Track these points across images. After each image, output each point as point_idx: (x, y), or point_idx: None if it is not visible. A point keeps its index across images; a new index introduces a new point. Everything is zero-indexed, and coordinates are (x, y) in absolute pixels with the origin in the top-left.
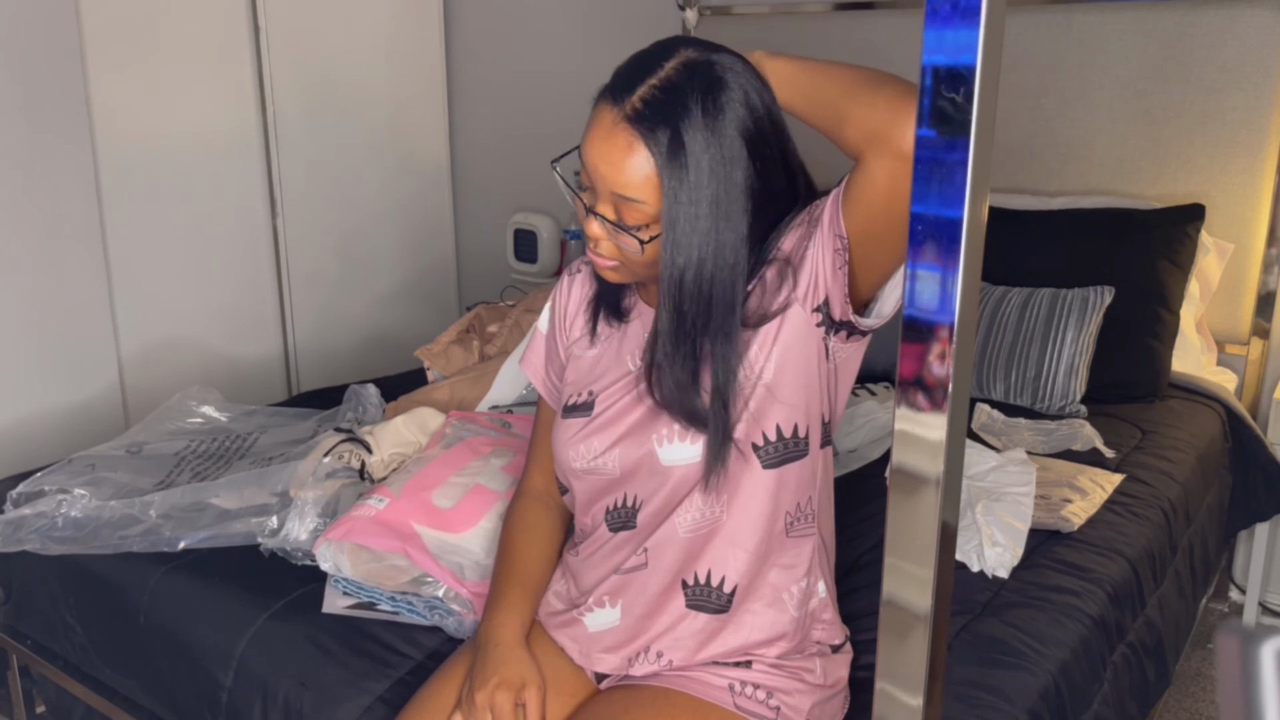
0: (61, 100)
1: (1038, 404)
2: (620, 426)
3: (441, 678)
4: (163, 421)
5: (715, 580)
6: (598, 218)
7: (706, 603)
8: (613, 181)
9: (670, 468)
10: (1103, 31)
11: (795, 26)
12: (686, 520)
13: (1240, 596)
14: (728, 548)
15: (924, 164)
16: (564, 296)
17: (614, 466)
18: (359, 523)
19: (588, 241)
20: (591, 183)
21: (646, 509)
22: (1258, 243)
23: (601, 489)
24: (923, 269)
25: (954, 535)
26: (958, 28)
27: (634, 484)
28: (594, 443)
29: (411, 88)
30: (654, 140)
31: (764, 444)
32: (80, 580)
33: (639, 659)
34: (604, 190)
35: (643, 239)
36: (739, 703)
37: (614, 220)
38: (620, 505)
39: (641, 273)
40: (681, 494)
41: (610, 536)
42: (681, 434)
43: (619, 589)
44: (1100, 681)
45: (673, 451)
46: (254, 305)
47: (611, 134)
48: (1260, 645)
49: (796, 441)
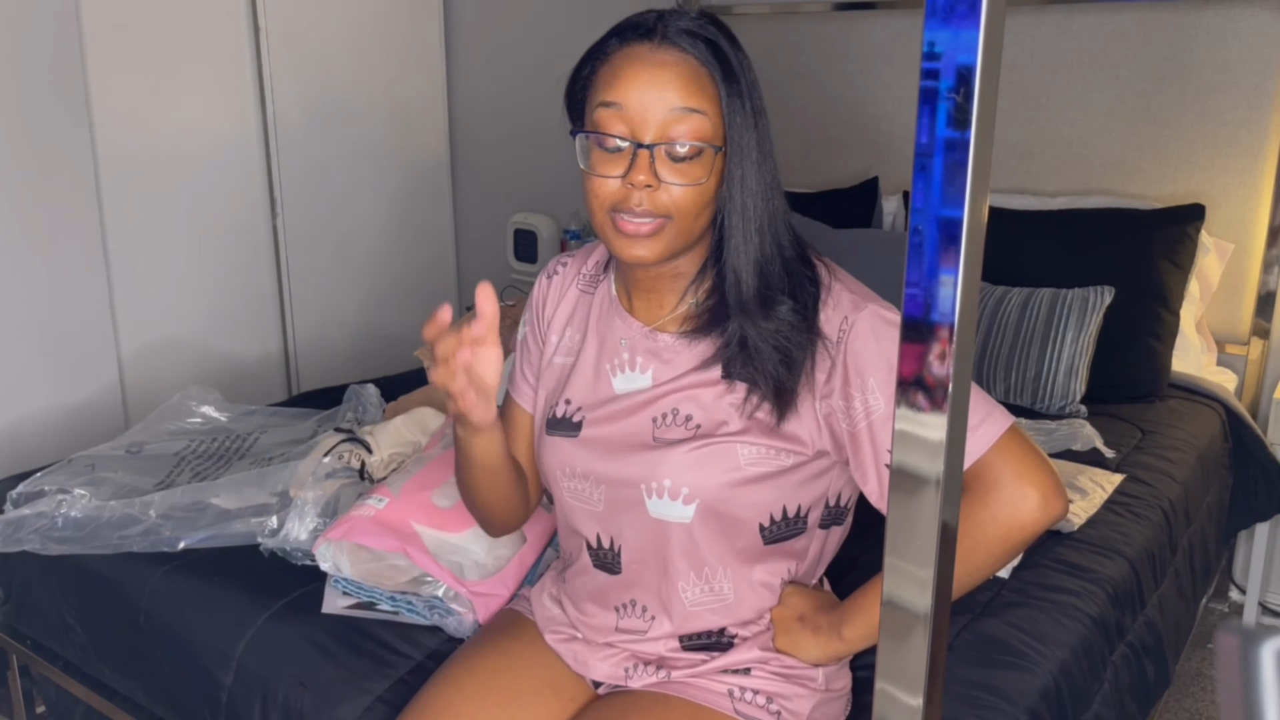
0: (61, 100)
1: (1038, 404)
2: (609, 461)
3: (440, 680)
4: (163, 421)
5: (715, 630)
6: (649, 152)
7: (707, 646)
8: (669, 98)
9: (661, 522)
10: (1103, 31)
11: (795, 26)
12: (690, 595)
13: (1240, 596)
14: (732, 612)
15: (924, 164)
16: (543, 290)
17: (598, 502)
18: (359, 522)
19: (625, 203)
20: (636, 122)
21: (632, 558)
22: (1258, 243)
23: (586, 520)
24: (921, 269)
25: (954, 535)
26: (957, 28)
27: (616, 527)
28: (579, 468)
29: (411, 88)
30: (699, 52)
31: (769, 524)
32: (80, 580)
33: (637, 670)
34: (655, 117)
35: (717, 145)
36: (739, 708)
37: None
38: (597, 545)
39: (689, 227)
40: (671, 551)
41: (594, 572)
42: (674, 491)
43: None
44: (1100, 681)
45: (663, 507)
46: (254, 305)
47: (655, 55)
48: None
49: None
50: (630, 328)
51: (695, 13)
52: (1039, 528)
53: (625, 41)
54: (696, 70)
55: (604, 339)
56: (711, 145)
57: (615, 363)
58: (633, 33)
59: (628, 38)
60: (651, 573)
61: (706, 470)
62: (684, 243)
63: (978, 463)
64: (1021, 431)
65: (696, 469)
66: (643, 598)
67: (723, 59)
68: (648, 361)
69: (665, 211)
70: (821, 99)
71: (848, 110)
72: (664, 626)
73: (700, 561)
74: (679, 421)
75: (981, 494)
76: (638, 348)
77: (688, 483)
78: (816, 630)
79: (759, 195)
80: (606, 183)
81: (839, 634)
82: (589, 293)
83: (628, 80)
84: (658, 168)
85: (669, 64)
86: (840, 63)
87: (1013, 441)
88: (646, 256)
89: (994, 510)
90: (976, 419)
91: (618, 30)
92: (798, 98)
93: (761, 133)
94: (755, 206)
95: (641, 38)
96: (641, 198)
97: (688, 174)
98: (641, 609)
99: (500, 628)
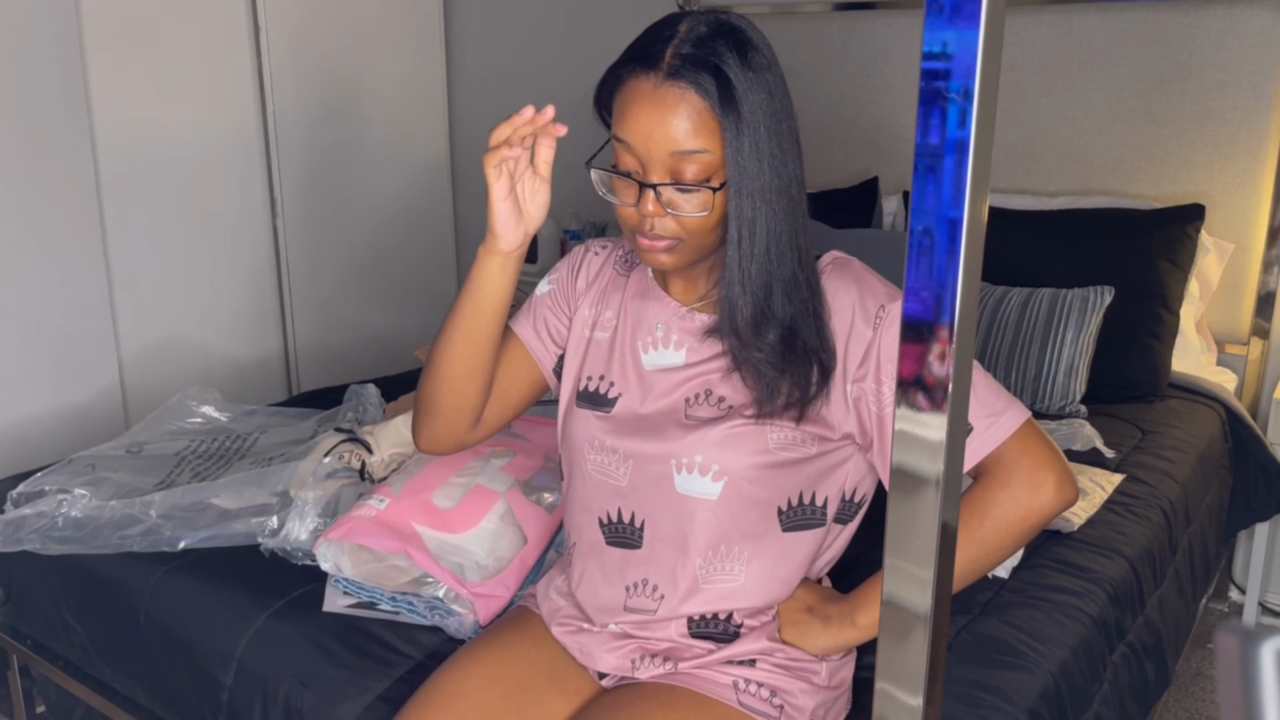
0: (61, 100)
1: (1038, 404)
2: (641, 436)
3: (447, 671)
4: (163, 421)
5: (723, 615)
6: (654, 190)
7: (714, 634)
8: (670, 140)
9: (687, 498)
10: (1103, 31)
11: (795, 26)
12: (705, 574)
13: (1240, 596)
14: (742, 597)
15: (924, 164)
16: (578, 260)
17: (623, 476)
18: (359, 523)
19: (640, 227)
20: (643, 157)
21: (654, 533)
22: (1258, 243)
23: (606, 494)
24: (922, 269)
25: (954, 535)
26: (957, 27)
27: (640, 502)
28: (607, 442)
29: (411, 87)
30: (701, 86)
31: (787, 508)
32: (80, 580)
33: (643, 662)
34: (659, 157)
35: (714, 186)
36: (743, 700)
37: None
38: (617, 519)
39: (702, 244)
40: (695, 527)
41: (607, 550)
42: (704, 468)
43: (626, 620)
44: (1100, 681)
45: (691, 483)
46: (254, 305)
47: (657, 94)
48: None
49: (814, 510)
50: (667, 308)
51: (705, 27)
52: (1054, 511)
53: (632, 73)
54: (699, 108)
55: (639, 318)
56: (711, 187)
57: (649, 340)
58: (638, 64)
59: (633, 69)
60: (670, 549)
61: (737, 450)
62: (702, 254)
63: (999, 449)
64: (1037, 425)
65: (728, 447)
66: (655, 576)
67: (727, 91)
68: (683, 339)
69: (676, 235)
70: (821, 99)
71: (848, 110)
72: (672, 606)
73: (719, 541)
74: (711, 402)
75: (1003, 476)
76: (673, 327)
77: (718, 460)
78: (827, 620)
79: (761, 227)
80: (624, 208)
81: (853, 622)
82: (623, 274)
83: (632, 119)
84: (665, 200)
85: (669, 104)
86: (840, 63)
87: (1031, 432)
88: (669, 265)
89: (1015, 491)
90: (1000, 408)
91: (627, 56)
92: (798, 98)
93: (774, 161)
94: (755, 239)
95: (647, 69)
96: (653, 223)
97: (694, 204)
98: (652, 588)
99: (506, 622)
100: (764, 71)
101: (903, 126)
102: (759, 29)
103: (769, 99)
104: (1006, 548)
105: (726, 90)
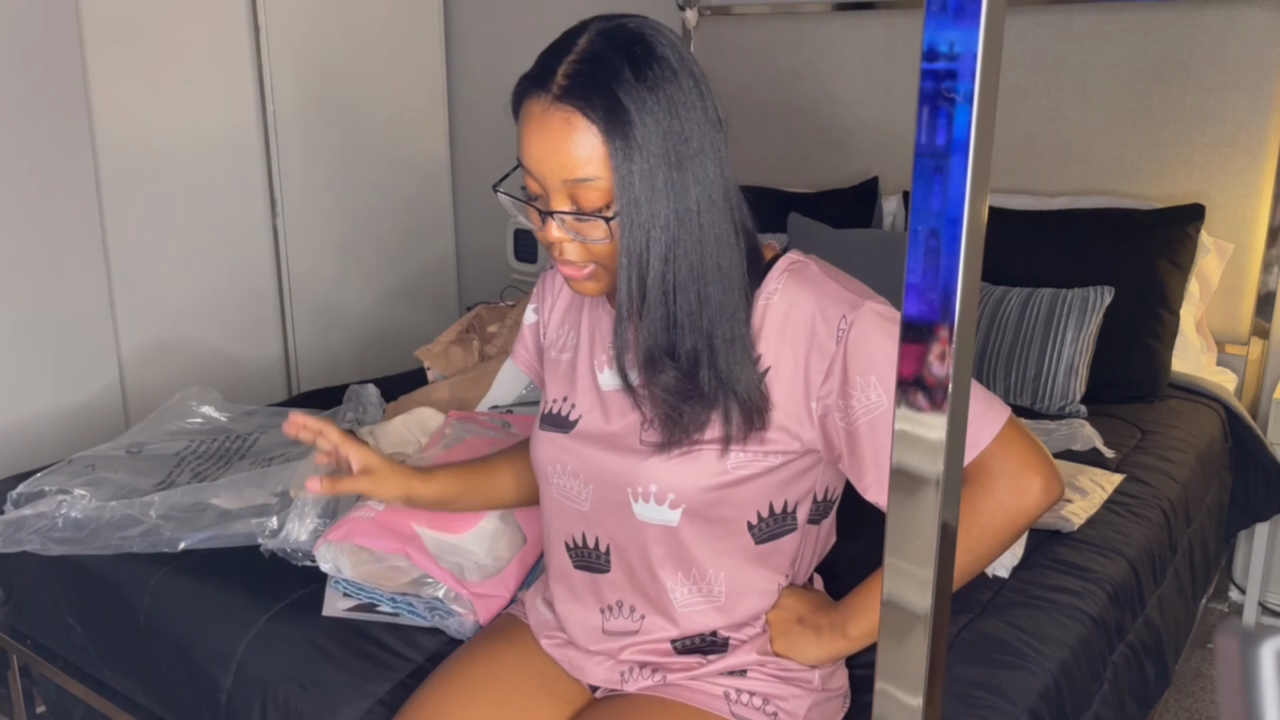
0: (61, 100)
1: (1038, 404)
2: (598, 460)
3: (433, 684)
4: (163, 421)
5: (708, 632)
6: (555, 218)
7: (701, 648)
8: (560, 167)
9: (647, 524)
10: (1103, 31)
11: (795, 26)
12: (680, 596)
13: (1240, 596)
14: (723, 614)
15: (924, 164)
16: (548, 280)
17: (584, 500)
18: (359, 524)
19: (552, 253)
20: (540, 182)
21: (619, 558)
22: (1258, 243)
23: (571, 518)
24: (922, 269)
25: (954, 535)
26: (957, 27)
27: (604, 527)
28: (569, 465)
29: (411, 88)
30: (590, 109)
31: (757, 522)
32: (80, 581)
33: (632, 674)
34: (554, 183)
35: (607, 217)
36: (735, 710)
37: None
38: (582, 544)
39: (614, 267)
40: (659, 552)
41: (575, 573)
42: (659, 496)
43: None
44: (1100, 681)
45: (649, 511)
46: (254, 305)
47: (545, 119)
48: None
49: (786, 517)
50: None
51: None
52: (1041, 511)
53: (526, 92)
54: (586, 133)
55: (594, 337)
56: (604, 217)
57: (603, 359)
58: (532, 83)
59: (527, 88)
60: (640, 574)
61: (691, 475)
62: None
63: (982, 453)
64: (1018, 421)
65: (681, 474)
66: (630, 598)
67: (616, 114)
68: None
69: (587, 260)
70: (822, 99)
71: (848, 110)
72: (657, 626)
73: (689, 563)
74: None
75: (987, 483)
76: None
77: (673, 488)
78: (818, 630)
79: (657, 257)
80: (539, 232)
81: (843, 632)
82: None
83: (527, 142)
84: (568, 227)
85: (556, 129)
86: (840, 63)
87: (1013, 432)
88: (596, 290)
89: (1001, 498)
90: (978, 411)
91: (528, 71)
92: (798, 98)
93: (672, 186)
94: (648, 270)
95: (539, 90)
96: (562, 249)
97: (595, 232)
98: (629, 609)
99: (494, 631)
100: (666, 85)
101: (903, 126)
102: (671, 34)
103: (670, 118)
104: (996, 551)
105: (615, 113)
